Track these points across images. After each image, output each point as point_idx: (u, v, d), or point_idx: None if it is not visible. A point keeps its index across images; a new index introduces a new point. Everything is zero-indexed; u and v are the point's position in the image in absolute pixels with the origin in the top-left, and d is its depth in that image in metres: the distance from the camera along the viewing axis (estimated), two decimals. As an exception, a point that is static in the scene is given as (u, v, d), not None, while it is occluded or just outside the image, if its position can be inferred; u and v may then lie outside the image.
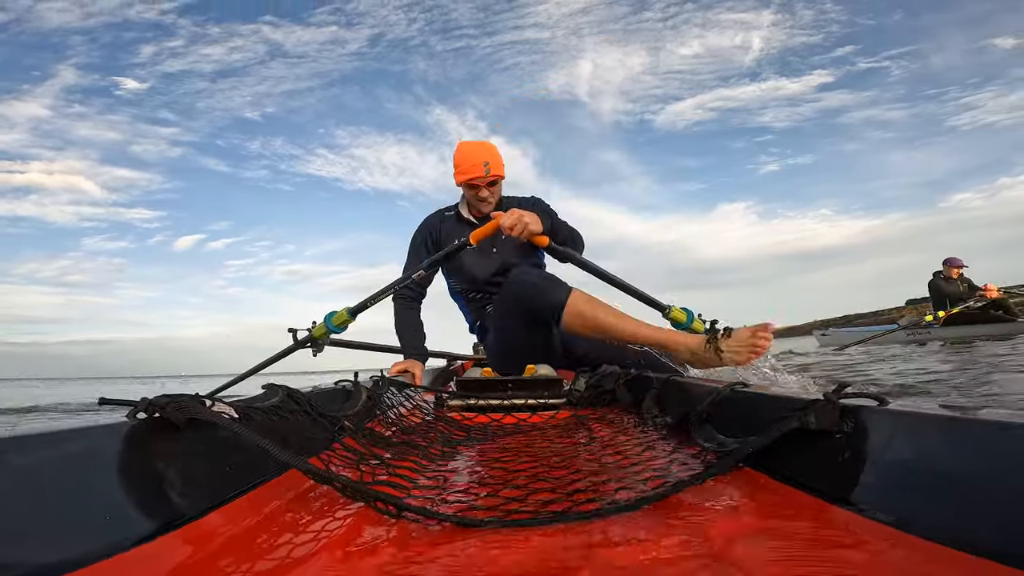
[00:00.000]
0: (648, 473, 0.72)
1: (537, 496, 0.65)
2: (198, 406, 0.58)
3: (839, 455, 0.56)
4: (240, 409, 0.68)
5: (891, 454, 0.51)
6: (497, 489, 0.69)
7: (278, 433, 0.73)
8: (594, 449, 0.98)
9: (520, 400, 1.60)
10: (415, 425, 1.32)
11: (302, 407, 0.88)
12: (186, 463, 0.54)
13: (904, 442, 0.50)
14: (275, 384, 0.88)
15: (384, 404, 1.34)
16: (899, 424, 0.52)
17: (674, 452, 0.85)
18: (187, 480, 0.52)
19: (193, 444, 0.57)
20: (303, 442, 0.80)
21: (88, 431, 0.46)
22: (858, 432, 0.56)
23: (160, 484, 0.49)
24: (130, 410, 0.53)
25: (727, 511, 0.57)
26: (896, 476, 0.49)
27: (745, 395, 0.86)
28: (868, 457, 0.53)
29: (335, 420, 0.96)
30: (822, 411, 0.59)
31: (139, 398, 0.55)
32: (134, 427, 0.51)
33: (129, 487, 0.45)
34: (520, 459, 0.91)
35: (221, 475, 0.57)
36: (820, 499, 0.54)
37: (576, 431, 1.24)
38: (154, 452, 0.51)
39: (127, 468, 0.46)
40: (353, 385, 1.23)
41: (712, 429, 0.85)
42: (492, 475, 0.78)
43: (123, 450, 0.48)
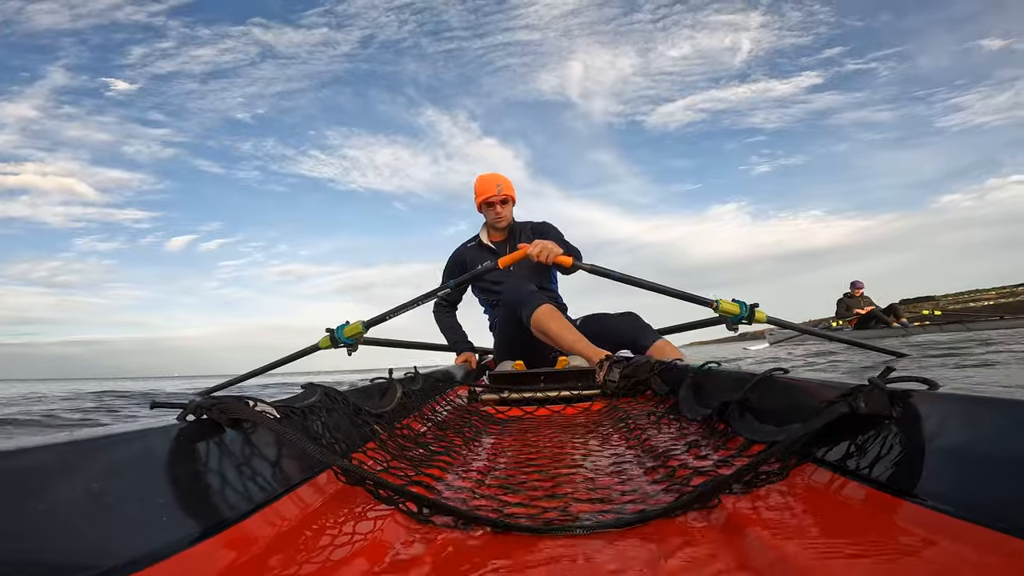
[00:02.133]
0: (690, 468, 0.71)
1: (576, 496, 0.64)
2: (242, 407, 0.59)
3: (890, 442, 0.54)
4: (281, 409, 0.70)
5: (945, 439, 0.48)
6: (533, 488, 0.68)
7: (317, 432, 0.75)
8: (633, 443, 0.96)
9: (553, 392, 1.60)
10: (449, 420, 1.34)
11: (340, 405, 0.89)
12: (232, 463, 0.55)
13: (959, 427, 0.48)
14: (314, 383, 0.90)
15: (419, 400, 1.36)
16: (952, 408, 0.50)
17: (716, 444, 0.83)
18: (234, 480, 0.53)
19: (238, 445, 0.58)
20: (342, 440, 0.81)
21: (144, 434, 0.48)
22: (909, 417, 0.53)
23: (209, 485, 0.51)
24: (180, 412, 0.55)
25: (777, 505, 0.55)
26: (952, 462, 0.47)
27: (785, 381, 0.83)
28: (923, 444, 0.50)
29: (372, 417, 0.98)
30: (871, 396, 0.56)
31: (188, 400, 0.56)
32: (183, 429, 0.52)
33: (182, 488, 0.46)
34: (556, 455, 0.91)
35: (265, 475, 0.58)
36: (875, 489, 0.51)
37: (612, 424, 1.23)
38: (203, 453, 0.53)
39: (179, 470, 0.48)
40: (388, 382, 1.25)
41: (753, 418, 0.83)
42: (527, 472, 0.78)
43: (175, 452, 0.49)
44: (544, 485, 0.70)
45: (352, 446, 0.82)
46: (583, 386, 1.62)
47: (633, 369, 1.55)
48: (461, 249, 2.47)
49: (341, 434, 0.82)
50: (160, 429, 0.50)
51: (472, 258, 2.40)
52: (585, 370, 1.69)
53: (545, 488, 0.68)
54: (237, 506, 0.51)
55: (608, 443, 1.01)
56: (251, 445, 0.60)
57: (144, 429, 0.48)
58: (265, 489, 0.56)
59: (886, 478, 0.51)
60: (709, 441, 0.86)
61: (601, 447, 0.98)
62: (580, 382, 1.63)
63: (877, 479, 0.52)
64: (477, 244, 2.42)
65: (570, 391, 1.60)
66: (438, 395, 1.62)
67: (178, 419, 0.54)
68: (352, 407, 0.92)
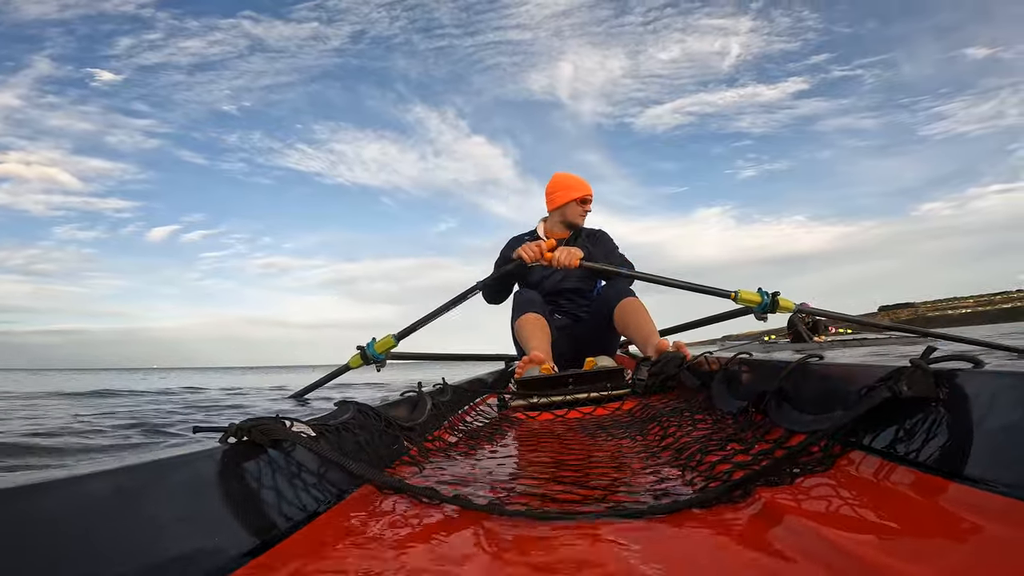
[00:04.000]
0: (730, 463, 0.69)
1: (613, 493, 0.64)
2: (280, 427, 0.61)
3: (938, 424, 0.52)
4: (316, 427, 0.71)
5: (996, 419, 0.47)
6: (570, 486, 0.68)
7: (352, 448, 0.76)
8: (668, 440, 0.95)
9: (583, 394, 1.59)
10: (480, 429, 1.34)
11: (372, 421, 0.90)
12: (275, 482, 0.56)
13: (1009, 404, 0.46)
14: (346, 400, 0.91)
15: (449, 411, 1.37)
16: (1002, 386, 0.48)
17: (754, 436, 0.82)
18: (278, 499, 0.55)
19: (280, 464, 0.59)
20: (377, 454, 0.82)
21: (190, 459, 0.49)
22: (956, 397, 0.52)
23: (255, 504, 0.52)
24: (221, 435, 0.57)
25: (823, 494, 0.54)
26: (1004, 441, 0.45)
27: (821, 368, 0.82)
28: (972, 424, 0.49)
29: (404, 431, 0.99)
30: (914, 377, 0.55)
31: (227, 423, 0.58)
32: (226, 451, 0.54)
33: (230, 509, 0.48)
34: (588, 455, 0.90)
35: (307, 491, 0.60)
36: (925, 473, 0.50)
37: (645, 422, 1.22)
38: (246, 474, 0.54)
39: (226, 491, 0.49)
40: (418, 395, 1.26)
41: (792, 408, 0.81)
42: (564, 473, 0.78)
43: (220, 474, 0.51)
44: (579, 482, 0.70)
45: (387, 459, 0.83)
46: (612, 386, 1.60)
47: (662, 366, 1.53)
48: (516, 240, 2.52)
49: (375, 448, 0.83)
50: (205, 452, 0.51)
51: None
52: (614, 370, 1.67)
53: (575, 484, 0.69)
54: (283, 523, 0.52)
55: (641, 441, 1.00)
56: (292, 463, 0.61)
57: (190, 454, 0.50)
58: (309, 505, 0.57)
59: (936, 461, 0.50)
60: (747, 433, 0.84)
61: (634, 445, 0.97)
62: (609, 382, 1.62)
63: (926, 463, 0.51)
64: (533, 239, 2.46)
65: (599, 392, 1.58)
66: (468, 405, 1.63)
67: (220, 441, 0.56)
68: (384, 421, 0.93)
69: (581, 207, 2.41)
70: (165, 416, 2.48)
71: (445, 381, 1.54)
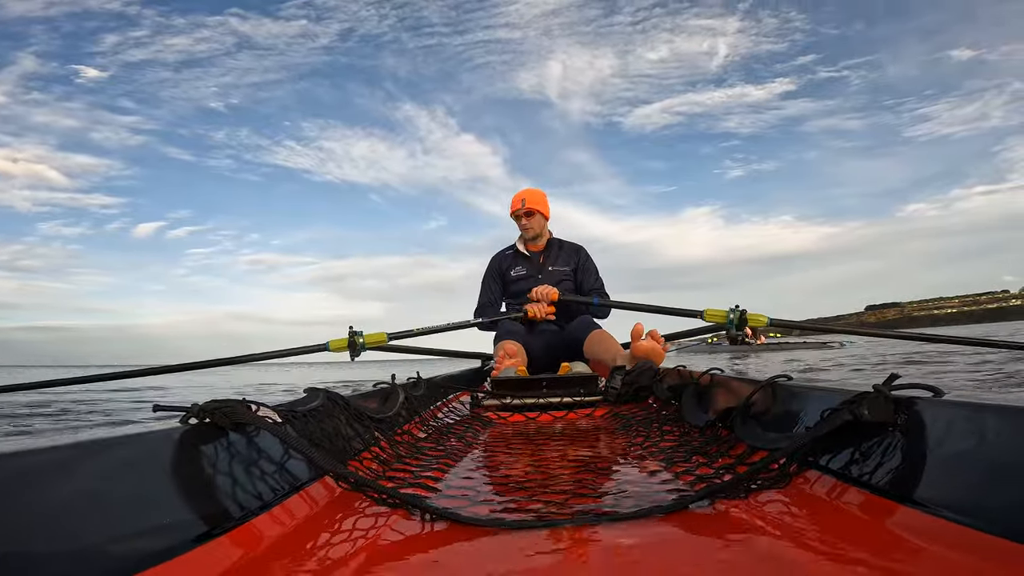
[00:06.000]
0: (693, 475, 0.70)
1: (575, 498, 0.64)
2: (244, 411, 0.60)
3: (893, 449, 0.54)
4: (283, 413, 0.70)
5: (950, 447, 0.48)
6: (532, 490, 0.68)
7: (319, 436, 0.75)
8: (634, 449, 0.96)
9: (556, 398, 1.59)
10: (451, 426, 1.33)
11: (342, 410, 0.89)
12: (234, 467, 0.55)
13: (964, 434, 0.48)
14: (316, 388, 0.90)
15: (421, 405, 1.36)
16: (957, 415, 0.50)
17: (719, 451, 0.83)
18: (237, 483, 0.54)
19: (241, 448, 0.58)
20: (343, 444, 0.81)
21: (145, 437, 0.48)
22: (913, 424, 0.53)
23: (212, 487, 0.51)
24: (182, 415, 0.56)
25: (778, 511, 0.55)
26: (957, 470, 0.47)
27: (789, 389, 0.83)
28: (926, 450, 0.50)
29: (374, 423, 0.98)
30: (874, 403, 0.56)
31: (190, 403, 0.57)
32: (186, 432, 0.53)
33: (184, 490, 0.47)
34: (556, 459, 0.91)
35: (268, 477, 0.59)
36: (876, 495, 0.51)
37: (614, 429, 1.22)
38: (205, 456, 0.53)
39: (182, 472, 0.48)
40: (391, 387, 1.25)
41: (757, 425, 0.82)
42: (527, 476, 0.78)
43: (177, 454, 0.50)
44: (543, 487, 0.70)
45: (353, 450, 0.82)
46: (586, 392, 1.61)
47: (636, 376, 1.54)
48: (499, 256, 2.71)
49: (342, 439, 0.82)
50: (162, 432, 0.50)
51: (509, 264, 2.63)
52: (588, 376, 1.68)
53: (544, 490, 0.68)
54: (240, 508, 0.51)
55: (609, 448, 1.01)
56: (254, 448, 0.60)
57: (146, 432, 0.49)
58: (268, 492, 0.56)
59: (888, 484, 0.51)
60: (712, 447, 0.85)
61: (602, 452, 0.98)
62: (583, 388, 1.63)
63: (879, 485, 0.52)
64: (514, 252, 2.65)
65: (573, 397, 1.59)
66: (441, 401, 1.62)
67: (180, 422, 0.55)
68: (354, 411, 0.92)
69: (517, 223, 2.58)
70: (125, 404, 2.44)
71: (419, 375, 1.53)
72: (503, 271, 2.64)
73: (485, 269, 2.71)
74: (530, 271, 2.54)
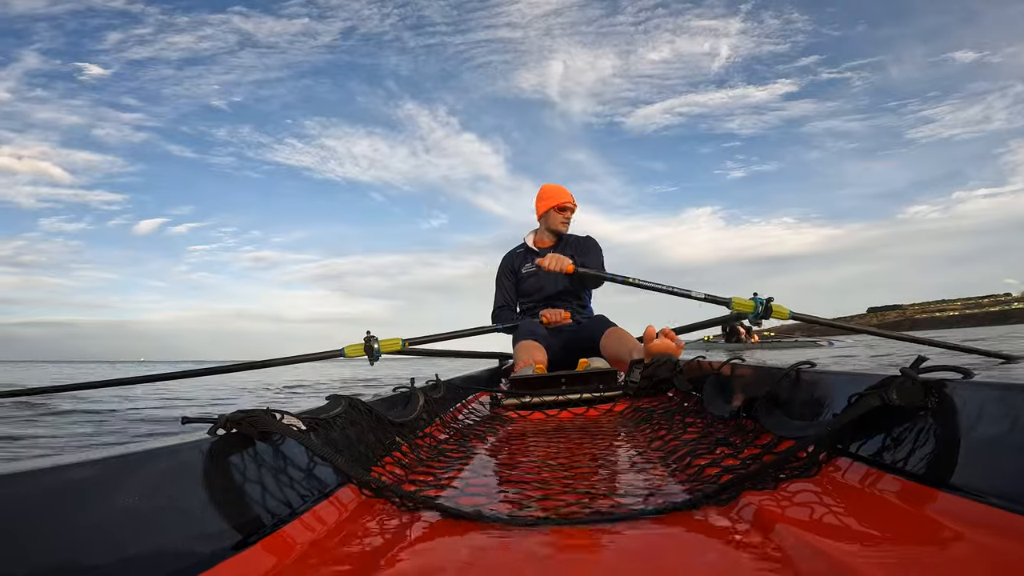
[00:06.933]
0: (718, 467, 0.70)
1: (598, 495, 0.64)
2: (270, 420, 0.60)
3: (926, 433, 0.52)
4: (307, 420, 0.71)
5: (985, 429, 0.47)
6: (554, 489, 0.68)
7: (342, 443, 0.76)
8: (656, 443, 0.96)
9: (575, 395, 1.59)
10: (471, 427, 1.34)
11: (363, 416, 0.90)
12: (263, 475, 0.56)
13: (998, 416, 0.47)
14: (338, 395, 0.91)
15: (441, 407, 1.36)
16: (990, 397, 0.48)
17: (744, 441, 0.82)
18: (266, 491, 0.54)
19: (268, 456, 0.59)
20: (366, 450, 0.82)
21: (177, 449, 0.49)
22: (944, 408, 0.52)
23: (243, 496, 0.52)
24: (210, 427, 0.56)
25: (810, 500, 0.54)
26: (991, 451, 0.46)
27: (813, 375, 0.82)
28: (960, 434, 0.49)
29: (395, 427, 0.99)
30: (903, 387, 0.55)
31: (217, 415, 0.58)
32: (215, 443, 0.54)
33: (216, 500, 0.47)
34: (577, 456, 0.90)
35: (296, 485, 0.59)
36: (911, 481, 0.50)
37: (636, 424, 1.22)
38: (235, 466, 0.54)
39: (213, 482, 0.49)
40: (410, 391, 1.26)
41: (782, 414, 0.81)
42: (549, 474, 0.77)
43: (208, 465, 0.50)
44: (565, 484, 0.70)
45: (376, 456, 0.83)
46: (605, 388, 1.61)
47: (655, 368, 1.53)
48: (511, 255, 2.70)
49: (365, 444, 0.83)
50: (193, 443, 0.51)
51: (521, 263, 2.63)
52: (606, 371, 1.68)
53: (566, 487, 0.68)
54: (271, 516, 0.51)
55: (631, 443, 1.00)
56: (280, 457, 0.61)
57: (177, 444, 0.50)
58: (296, 499, 0.57)
59: (923, 470, 0.50)
60: (737, 438, 0.84)
61: (624, 447, 0.97)
62: (602, 383, 1.62)
63: (913, 472, 0.51)
64: (524, 250, 2.65)
65: (592, 393, 1.59)
66: (460, 402, 1.63)
67: (209, 433, 0.55)
68: (375, 417, 0.93)
69: (560, 214, 2.55)
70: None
71: (438, 377, 1.53)
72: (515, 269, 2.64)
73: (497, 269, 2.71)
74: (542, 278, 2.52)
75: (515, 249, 2.71)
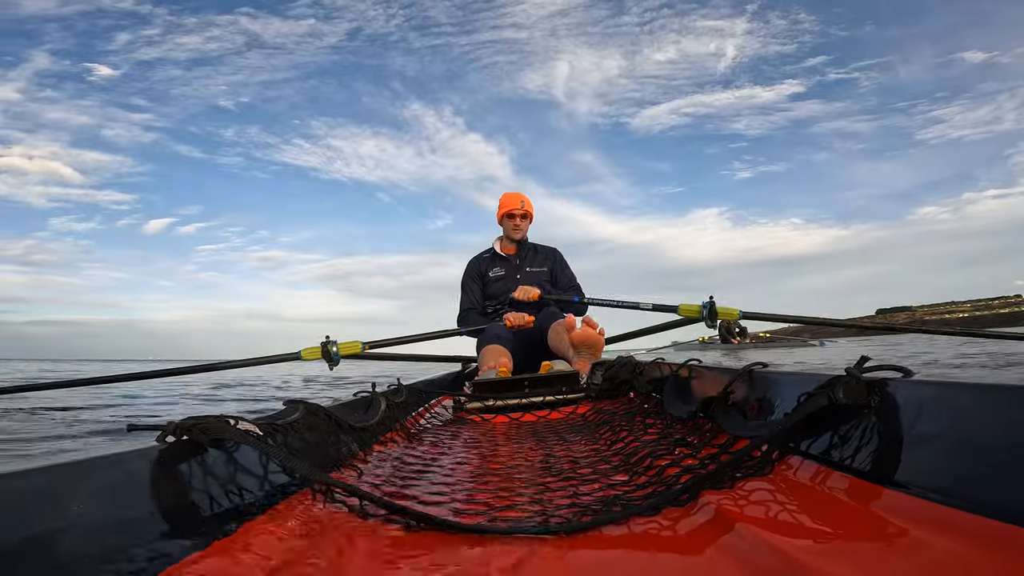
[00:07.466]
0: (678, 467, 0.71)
1: (561, 498, 0.64)
2: (223, 426, 0.58)
3: (870, 431, 0.55)
4: (263, 426, 0.68)
5: (924, 427, 0.50)
6: (517, 494, 0.68)
7: (300, 449, 0.74)
8: (618, 445, 0.97)
9: (538, 398, 1.60)
10: (434, 431, 1.32)
11: (323, 421, 0.88)
12: (215, 483, 0.54)
13: (935, 413, 0.49)
14: (296, 400, 0.88)
15: (403, 412, 1.34)
16: (928, 395, 0.51)
17: (702, 441, 0.84)
18: (218, 499, 0.52)
19: (221, 463, 0.57)
20: (325, 456, 0.80)
21: (121, 458, 0.46)
22: (887, 406, 0.55)
23: (193, 504, 0.49)
24: (159, 434, 0.54)
25: (763, 498, 0.56)
26: (930, 448, 0.48)
27: (766, 376, 0.85)
28: (901, 432, 0.52)
29: (356, 432, 0.96)
30: (848, 386, 0.58)
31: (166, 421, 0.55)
32: (163, 450, 0.51)
33: (165, 509, 0.45)
34: (540, 460, 0.91)
35: (250, 492, 0.57)
36: (857, 478, 0.53)
37: (598, 426, 1.23)
38: (185, 473, 0.52)
39: (162, 491, 0.47)
40: (371, 395, 1.23)
41: (737, 414, 0.84)
42: (512, 479, 0.77)
43: (156, 473, 0.48)
44: (528, 490, 0.70)
45: (336, 461, 0.81)
46: (568, 390, 1.62)
47: (616, 370, 1.56)
48: (477, 259, 2.76)
49: (324, 450, 0.81)
50: (139, 451, 0.49)
51: (488, 265, 2.68)
52: (569, 374, 1.69)
53: (529, 493, 0.68)
54: (222, 525, 0.49)
55: (593, 445, 1.02)
56: (234, 463, 0.58)
57: (122, 452, 0.47)
58: (251, 506, 0.55)
59: (869, 467, 0.53)
60: (695, 439, 0.87)
61: (585, 449, 0.98)
62: (564, 386, 1.64)
63: (860, 469, 0.53)
64: (491, 255, 2.71)
65: (555, 395, 1.60)
66: (422, 406, 1.61)
67: (157, 440, 0.53)
68: (335, 422, 0.91)
69: (510, 221, 2.61)
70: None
71: (400, 381, 1.51)
72: (482, 273, 2.68)
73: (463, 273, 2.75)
74: (508, 272, 2.59)
75: (482, 253, 2.76)
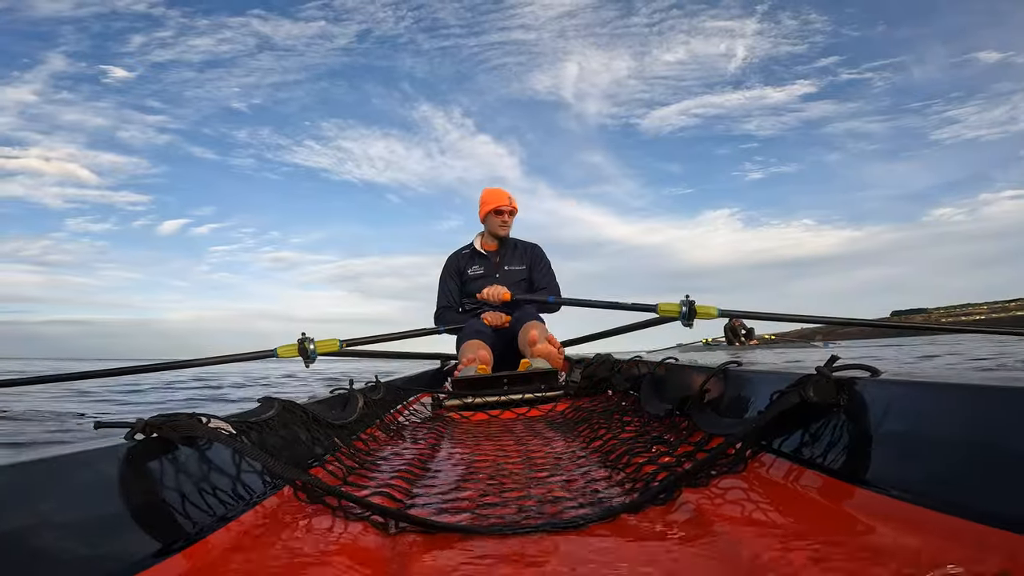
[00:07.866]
0: (655, 465, 0.72)
1: (540, 496, 0.64)
2: (194, 424, 0.57)
3: (840, 430, 0.56)
4: (236, 424, 0.67)
5: (891, 426, 0.51)
6: (496, 492, 0.68)
7: (276, 447, 0.72)
8: (596, 442, 0.98)
9: (517, 395, 1.60)
10: (413, 428, 1.32)
11: (298, 418, 0.86)
12: (186, 482, 0.52)
13: (901, 411, 0.51)
14: (271, 397, 0.87)
15: (381, 409, 1.33)
16: (895, 393, 0.53)
17: (678, 439, 0.85)
18: (190, 498, 0.51)
19: (193, 462, 0.55)
20: (301, 454, 0.79)
21: (87, 456, 0.45)
22: (856, 405, 0.56)
23: (164, 504, 0.48)
24: (127, 431, 0.52)
25: (737, 497, 0.57)
26: (897, 447, 0.49)
27: (739, 374, 0.87)
28: (868, 429, 0.53)
29: (332, 429, 0.95)
30: (818, 385, 0.59)
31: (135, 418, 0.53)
32: (132, 448, 0.50)
33: (135, 509, 0.44)
34: (519, 458, 0.91)
35: (223, 491, 0.56)
36: (828, 476, 0.54)
37: (576, 423, 1.24)
38: (155, 472, 0.50)
39: (132, 490, 0.45)
40: (348, 392, 1.22)
41: (712, 412, 0.85)
42: (490, 477, 0.77)
43: (125, 472, 0.47)
44: (507, 488, 0.70)
45: (312, 459, 0.80)
46: (547, 387, 1.63)
47: (594, 368, 1.57)
48: (456, 255, 2.70)
49: (300, 448, 0.80)
50: (107, 449, 0.47)
51: (467, 263, 2.63)
52: (548, 371, 1.70)
53: (508, 490, 0.68)
54: (194, 524, 0.48)
55: (572, 443, 1.02)
56: (206, 462, 0.57)
57: (90, 450, 0.46)
58: (224, 506, 0.54)
59: (839, 465, 0.54)
60: (672, 436, 0.88)
61: (564, 447, 0.99)
62: (544, 383, 1.64)
63: (830, 467, 0.55)
64: (471, 251, 2.65)
65: (534, 393, 1.60)
66: (401, 404, 1.60)
67: (126, 438, 0.51)
68: (311, 419, 0.89)
69: (498, 218, 2.56)
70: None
71: (378, 379, 1.50)
72: (460, 270, 2.64)
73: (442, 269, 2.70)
74: (487, 270, 2.56)
75: (461, 250, 2.72)
